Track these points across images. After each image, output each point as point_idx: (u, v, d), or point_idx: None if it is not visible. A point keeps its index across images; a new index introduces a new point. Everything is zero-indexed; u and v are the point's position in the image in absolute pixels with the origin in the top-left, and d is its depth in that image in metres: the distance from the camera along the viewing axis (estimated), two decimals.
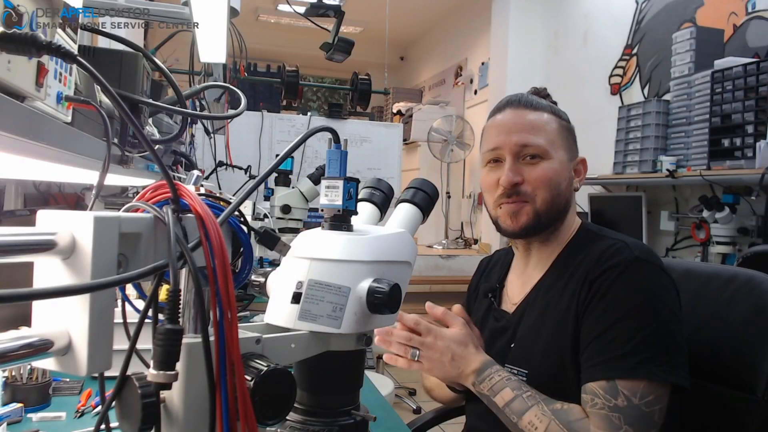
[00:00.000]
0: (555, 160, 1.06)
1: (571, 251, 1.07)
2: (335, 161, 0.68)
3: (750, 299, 1.04)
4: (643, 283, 0.95)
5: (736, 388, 1.02)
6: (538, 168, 1.04)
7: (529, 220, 1.05)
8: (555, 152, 1.06)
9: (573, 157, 1.10)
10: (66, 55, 0.48)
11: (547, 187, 1.04)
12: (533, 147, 1.05)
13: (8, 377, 1.09)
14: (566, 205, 1.09)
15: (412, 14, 6.62)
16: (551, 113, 1.09)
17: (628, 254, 0.96)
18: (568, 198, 1.09)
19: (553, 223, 1.08)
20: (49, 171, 1.00)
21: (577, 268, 1.01)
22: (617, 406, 0.89)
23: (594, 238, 1.06)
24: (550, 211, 1.05)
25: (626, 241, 1.01)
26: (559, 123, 1.09)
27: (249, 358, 0.56)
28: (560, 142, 1.07)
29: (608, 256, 0.98)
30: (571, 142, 1.10)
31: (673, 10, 3.44)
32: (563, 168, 1.07)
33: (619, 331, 0.91)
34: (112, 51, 0.97)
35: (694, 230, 3.05)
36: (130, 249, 0.50)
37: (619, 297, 0.94)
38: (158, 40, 2.09)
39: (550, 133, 1.06)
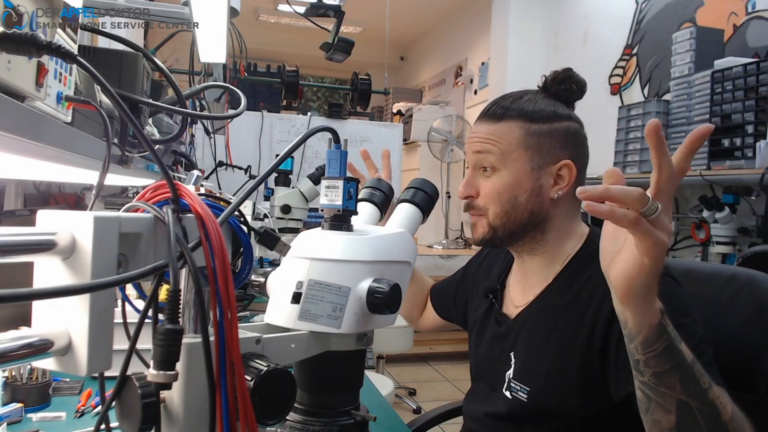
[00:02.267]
0: (509, 171, 1.00)
1: (579, 265, 1.01)
2: (335, 161, 0.68)
3: (751, 299, 1.04)
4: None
5: (737, 389, 1.02)
6: (489, 181, 1.02)
7: (485, 233, 1.03)
8: (509, 164, 1.00)
9: (546, 164, 1.01)
10: (66, 55, 0.48)
11: (497, 201, 1.01)
12: (485, 160, 1.02)
13: (8, 377, 1.09)
14: (535, 217, 1.01)
15: (412, 14, 6.62)
16: (520, 119, 1.02)
17: None
18: (536, 209, 1.01)
19: (518, 235, 1.03)
20: (49, 171, 1.00)
21: (586, 285, 0.96)
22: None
23: None
24: (506, 224, 1.01)
25: None
26: (526, 129, 1.01)
27: (249, 358, 0.56)
28: (520, 153, 1.00)
29: None
30: (543, 146, 1.01)
31: (673, 10, 3.45)
32: (520, 179, 1.00)
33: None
34: (112, 51, 0.97)
35: (694, 230, 3.05)
36: (130, 249, 0.50)
37: None
38: (158, 40, 2.09)
39: (507, 144, 1.01)
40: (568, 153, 1.02)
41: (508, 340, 1.06)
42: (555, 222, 1.03)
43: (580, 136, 1.05)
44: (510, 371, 1.03)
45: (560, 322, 0.98)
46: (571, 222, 1.05)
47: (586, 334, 0.93)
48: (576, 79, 1.06)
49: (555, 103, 1.05)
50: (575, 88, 1.06)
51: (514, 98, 1.05)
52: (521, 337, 1.04)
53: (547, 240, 1.04)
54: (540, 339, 1.00)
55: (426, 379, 4.13)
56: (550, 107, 1.04)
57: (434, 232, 5.41)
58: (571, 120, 1.05)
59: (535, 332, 1.02)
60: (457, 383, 4.04)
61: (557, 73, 1.06)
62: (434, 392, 3.93)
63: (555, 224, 1.04)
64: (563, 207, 1.03)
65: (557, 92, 1.06)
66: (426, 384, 4.03)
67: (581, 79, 1.07)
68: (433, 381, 4.12)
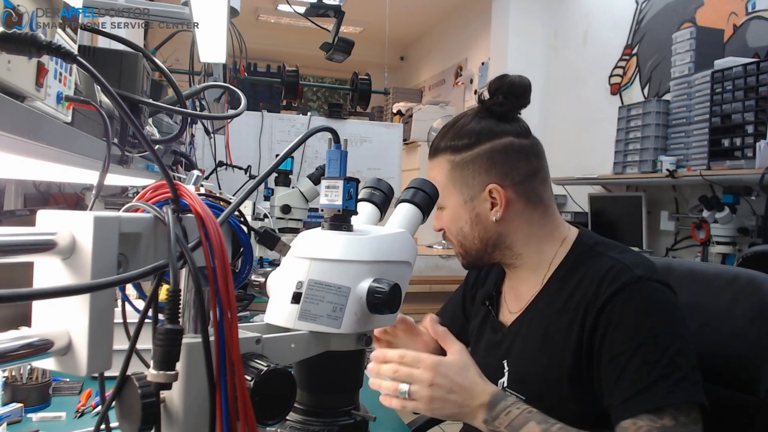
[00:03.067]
0: (449, 208, 1.05)
1: (569, 269, 1.00)
2: (335, 161, 0.68)
3: (752, 300, 1.03)
4: (654, 303, 0.90)
5: (737, 389, 1.02)
6: (441, 217, 1.08)
7: (463, 260, 1.10)
8: (447, 201, 1.05)
9: (476, 193, 1.02)
10: (66, 55, 0.48)
11: (451, 234, 1.08)
12: None
13: (8, 377, 1.09)
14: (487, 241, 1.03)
15: (412, 14, 6.62)
16: (447, 153, 1.04)
17: (630, 276, 0.91)
18: (484, 235, 1.03)
19: (486, 257, 1.06)
20: (49, 171, 1.00)
21: (575, 291, 0.96)
22: (664, 426, 0.82)
23: (590, 254, 0.99)
24: (468, 252, 1.07)
25: (624, 260, 0.94)
26: (451, 163, 1.03)
27: (249, 358, 0.56)
28: (450, 188, 1.04)
29: (609, 281, 0.92)
30: (466, 179, 1.02)
31: (673, 10, 3.44)
32: (458, 212, 1.04)
33: (645, 356, 0.85)
34: (112, 51, 0.97)
35: (694, 230, 3.05)
36: (130, 249, 0.50)
37: (635, 322, 0.88)
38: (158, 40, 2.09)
39: (440, 183, 1.02)
40: (494, 174, 1.01)
41: (501, 349, 1.06)
42: (516, 236, 1.03)
43: (512, 148, 1.01)
44: (504, 379, 1.03)
45: (551, 329, 0.98)
46: (540, 228, 1.04)
47: (575, 340, 0.93)
48: (508, 86, 1.02)
49: (482, 124, 1.02)
50: (503, 100, 1.02)
51: (446, 130, 1.07)
52: (514, 346, 1.04)
53: (519, 253, 1.05)
54: (532, 346, 1.00)
55: None
56: (474, 132, 1.02)
57: (434, 232, 5.40)
58: (496, 137, 1.01)
59: (527, 340, 1.01)
60: None
61: (490, 84, 1.04)
62: None
63: (517, 238, 1.03)
64: (517, 221, 1.02)
65: (489, 108, 1.04)
66: None
67: (516, 81, 1.03)
68: None
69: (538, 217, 1.04)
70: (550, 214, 1.05)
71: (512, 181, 1.01)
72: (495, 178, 1.01)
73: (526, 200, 1.02)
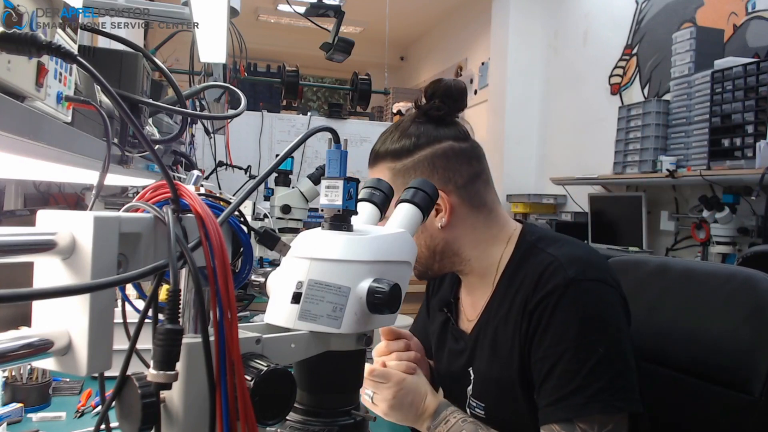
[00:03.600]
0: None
1: (514, 269, 0.99)
2: (335, 161, 0.68)
3: (748, 299, 1.03)
4: (582, 308, 0.88)
5: (732, 389, 1.02)
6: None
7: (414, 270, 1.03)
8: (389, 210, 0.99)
9: None
10: (66, 55, 0.48)
11: None
12: None
13: (8, 377, 1.09)
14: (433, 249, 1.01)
15: (412, 14, 6.62)
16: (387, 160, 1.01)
17: (562, 276, 0.89)
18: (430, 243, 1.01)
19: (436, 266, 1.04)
20: (49, 171, 1.00)
21: (518, 292, 0.95)
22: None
23: (531, 252, 0.98)
24: (418, 260, 1.00)
25: (560, 257, 0.93)
26: (392, 170, 1.00)
27: (249, 358, 0.56)
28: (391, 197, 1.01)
29: (544, 281, 0.91)
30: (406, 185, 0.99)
31: (673, 10, 3.45)
32: None
33: (567, 365, 0.86)
34: (112, 51, 0.97)
35: (694, 230, 3.05)
36: (130, 249, 0.50)
37: (561, 328, 0.88)
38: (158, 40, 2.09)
39: None
40: (436, 180, 0.97)
41: (464, 356, 1.05)
42: (462, 242, 1.01)
43: (452, 152, 1.00)
44: (470, 387, 1.03)
45: (499, 333, 0.97)
46: (485, 231, 1.02)
47: (518, 344, 0.93)
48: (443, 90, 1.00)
49: (421, 129, 1.00)
50: (439, 104, 1.00)
51: (385, 136, 1.03)
52: (476, 353, 1.03)
53: (467, 258, 1.03)
54: (488, 356, 1.00)
55: None
56: (413, 137, 1.00)
57: None
58: (436, 142, 0.99)
59: (485, 347, 1.01)
60: None
61: (426, 89, 1.02)
62: None
63: (464, 244, 1.02)
64: (461, 227, 1.01)
65: (426, 112, 1.01)
66: None
67: (451, 84, 1.01)
68: None
69: (482, 221, 1.02)
70: (494, 216, 1.03)
71: (455, 185, 0.99)
72: (437, 183, 0.95)
73: (469, 204, 1.00)
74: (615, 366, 0.86)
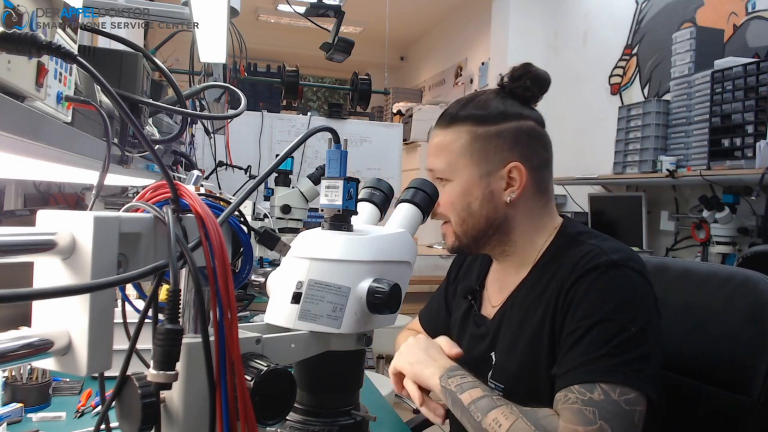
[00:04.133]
0: (459, 180, 1.01)
1: (551, 257, 1.01)
2: (335, 161, 0.68)
3: (747, 300, 1.03)
4: (620, 289, 0.90)
5: (731, 390, 1.01)
6: (445, 191, 1.01)
7: (453, 241, 1.05)
8: (458, 172, 1.00)
9: (494, 169, 1.00)
10: (66, 55, 0.48)
11: (453, 210, 1.02)
12: (436, 171, 1.03)
13: (8, 377, 1.09)
14: (492, 221, 1.01)
15: (412, 14, 6.62)
16: (469, 123, 1.01)
17: (604, 259, 0.91)
18: (492, 215, 1.01)
19: (482, 241, 1.03)
20: (49, 171, 1.00)
21: (553, 278, 0.96)
22: (592, 399, 0.82)
23: (571, 243, 0.99)
24: (467, 231, 1.02)
25: (602, 246, 0.95)
26: (472, 134, 1.00)
27: (249, 358, 0.56)
28: (466, 160, 1.00)
29: (583, 263, 0.92)
30: (487, 152, 1.00)
31: (673, 10, 3.44)
32: (470, 186, 1.00)
33: (597, 335, 0.86)
34: (112, 51, 0.97)
35: (694, 230, 3.05)
36: (130, 249, 0.50)
37: (596, 303, 0.88)
38: (158, 40, 2.09)
39: (453, 153, 1.01)
40: (517, 154, 0.99)
41: (486, 341, 1.06)
42: (517, 222, 1.03)
43: (534, 133, 1.02)
44: (490, 372, 1.03)
45: (528, 316, 0.98)
46: (538, 219, 1.04)
47: (549, 324, 0.93)
48: (534, 74, 1.02)
49: (507, 102, 1.02)
50: (530, 85, 1.02)
51: (465, 102, 1.04)
52: (498, 337, 1.04)
53: (514, 240, 1.04)
54: (512, 335, 1.00)
55: None
56: (500, 107, 1.01)
57: (434, 232, 5.40)
58: (522, 119, 1.01)
59: (508, 330, 1.02)
60: None
61: (515, 69, 1.04)
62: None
63: (518, 225, 1.03)
64: (523, 207, 1.02)
65: (512, 90, 1.03)
66: None
67: (541, 73, 1.04)
68: None
69: (539, 208, 1.04)
70: (549, 207, 1.06)
71: (530, 165, 1.00)
72: (516, 158, 1.00)
73: (536, 188, 1.02)
74: (642, 349, 0.86)
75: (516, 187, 1.00)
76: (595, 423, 0.80)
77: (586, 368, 0.85)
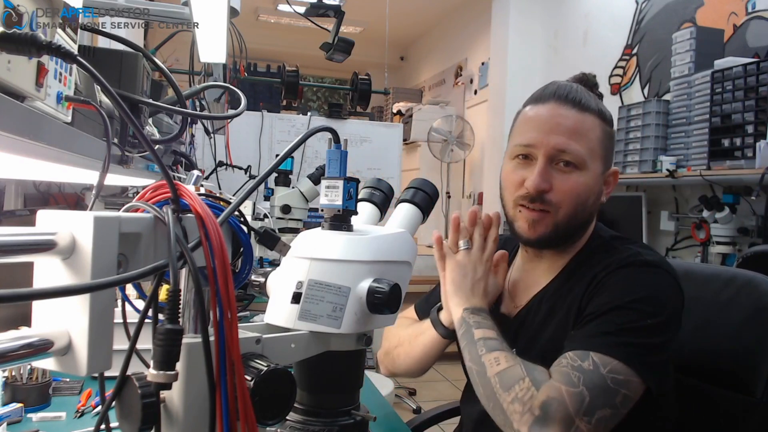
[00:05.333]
0: (589, 172, 0.97)
1: (583, 260, 1.01)
2: (335, 161, 0.68)
3: (749, 301, 1.03)
4: (649, 284, 0.90)
5: (734, 390, 1.02)
6: (570, 179, 0.95)
7: (547, 231, 0.98)
8: (592, 164, 0.97)
9: (608, 168, 1.02)
10: (66, 55, 0.48)
11: (574, 202, 0.96)
12: (570, 154, 0.95)
13: (8, 377, 1.09)
14: (589, 218, 1.02)
15: (412, 14, 6.62)
16: (598, 116, 0.98)
17: (637, 258, 0.93)
18: (593, 212, 1.01)
19: (572, 236, 1.02)
20: (49, 171, 1.00)
21: (584, 276, 0.97)
22: (581, 367, 0.82)
23: (607, 248, 1.00)
24: (570, 224, 0.98)
25: (640, 250, 0.96)
26: (603, 129, 0.99)
27: (249, 358, 0.56)
28: (600, 152, 0.98)
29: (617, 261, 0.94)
30: (609, 151, 1.01)
31: (673, 10, 3.44)
32: (596, 181, 0.98)
33: (611, 317, 0.86)
34: (112, 51, 0.97)
35: (694, 230, 3.05)
36: (130, 249, 0.50)
37: (621, 290, 0.89)
38: (158, 40, 2.09)
39: (591, 141, 0.96)
40: (608, 158, 1.02)
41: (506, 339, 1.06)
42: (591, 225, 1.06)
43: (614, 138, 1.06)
44: None
45: (557, 306, 0.99)
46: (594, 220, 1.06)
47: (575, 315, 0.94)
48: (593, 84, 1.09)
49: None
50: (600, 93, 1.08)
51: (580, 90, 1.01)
52: (521, 333, 1.04)
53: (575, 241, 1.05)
54: (536, 326, 1.01)
55: (426, 379, 4.13)
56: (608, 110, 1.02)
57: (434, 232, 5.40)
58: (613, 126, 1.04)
59: (531, 325, 1.02)
60: (457, 383, 4.04)
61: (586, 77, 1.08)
62: (434, 392, 3.93)
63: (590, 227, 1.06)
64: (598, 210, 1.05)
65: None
66: (426, 384, 4.02)
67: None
68: (432, 381, 4.12)
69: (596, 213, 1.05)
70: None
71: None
72: (610, 161, 1.03)
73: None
74: (653, 339, 0.86)
75: (609, 190, 1.03)
76: (577, 387, 0.81)
77: (588, 341, 0.86)
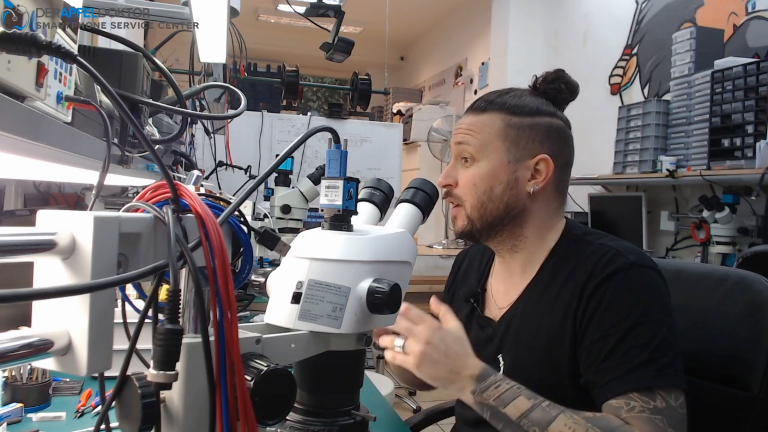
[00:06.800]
0: (486, 162, 1.01)
1: (559, 258, 1.02)
2: (335, 161, 0.68)
3: (743, 298, 1.04)
4: (645, 290, 0.92)
5: (730, 386, 1.02)
6: (467, 171, 1.02)
7: (464, 225, 1.04)
8: (487, 154, 1.01)
9: (523, 157, 1.01)
10: (66, 55, 0.48)
11: (473, 192, 1.01)
12: (464, 149, 1.03)
13: (8, 377, 1.09)
14: (511, 210, 1.01)
15: (412, 14, 6.62)
16: (503, 111, 1.02)
17: (623, 261, 0.93)
18: (512, 202, 1.01)
19: (496, 229, 1.03)
20: (49, 171, 1.00)
21: (569, 279, 0.97)
22: (657, 408, 0.84)
23: (580, 243, 1.01)
24: (483, 216, 1.01)
25: (616, 246, 0.97)
26: (506, 121, 1.01)
27: (249, 358, 0.56)
28: (499, 143, 1.00)
29: (602, 266, 0.94)
30: (522, 140, 1.01)
31: (673, 10, 3.44)
32: (497, 170, 1.00)
33: (636, 339, 0.88)
34: (112, 51, 0.97)
35: (694, 230, 3.05)
36: (130, 249, 0.50)
37: (626, 306, 0.90)
38: (158, 40, 2.09)
39: (486, 135, 1.01)
40: (547, 148, 1.01)
41: (493, 343, 1.05)
42: (533, 216, 1.03)
43: (564, 133, 1.05)
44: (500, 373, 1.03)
45: (546, 318, 0.98)
46: (552, 218, 1.05)
47: (570, 327, 0.94)
48: (566, 80, 1.06)
49: (541, 101, 1.05)
50: (564, 88, 1.06)
51: (500, 93, 1.06)
52: (508, 338, 1.03)
53: (526, 235, 1.04)
54: (528, 338, 1.00)
55: None
56: (534, 103, 1.04)
57: (434, 232, 5.40)
58: (555, 117, 1.04)
59: (522, 332, 1.02)
60: None
61: (548, 74, 1.07)
62: (434, 392, 3.91)
63: (534, 219, 1.03)
64: (542, 202, 1.03)
65: (545, 90, 1.06)
66: None
67: (573, 81, 1.07)
68: None
69: (554, 207, 1.05)
70: (561, 208, 1.08)
71: (556, 162, 1.02)
72: (546, 151, 1.01)
73: (556, 186, 1.04)
74: (674, 347, 0.89)
75: (540, 180, 1.01)
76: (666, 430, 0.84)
77: (637, 374, 0.86)
